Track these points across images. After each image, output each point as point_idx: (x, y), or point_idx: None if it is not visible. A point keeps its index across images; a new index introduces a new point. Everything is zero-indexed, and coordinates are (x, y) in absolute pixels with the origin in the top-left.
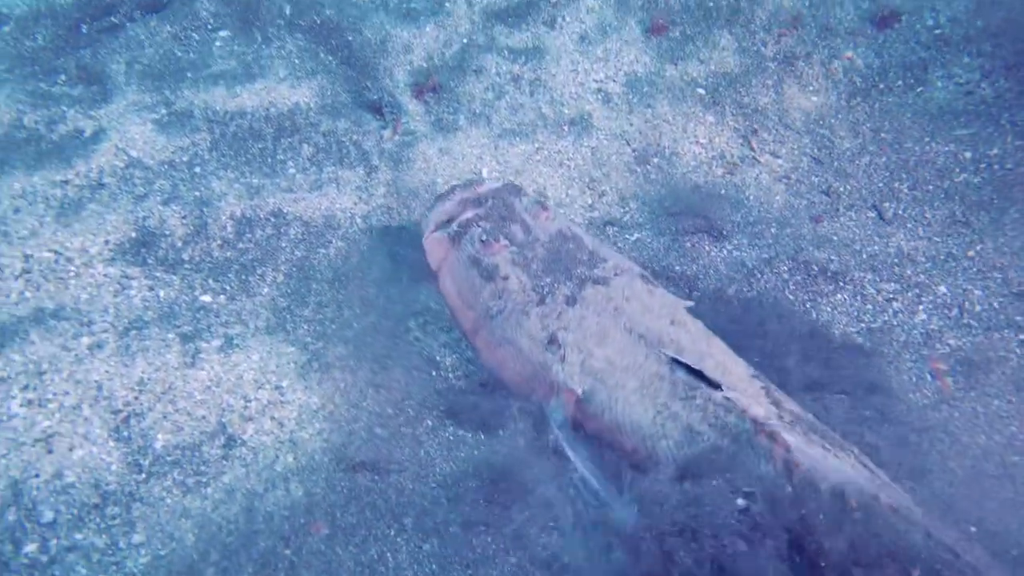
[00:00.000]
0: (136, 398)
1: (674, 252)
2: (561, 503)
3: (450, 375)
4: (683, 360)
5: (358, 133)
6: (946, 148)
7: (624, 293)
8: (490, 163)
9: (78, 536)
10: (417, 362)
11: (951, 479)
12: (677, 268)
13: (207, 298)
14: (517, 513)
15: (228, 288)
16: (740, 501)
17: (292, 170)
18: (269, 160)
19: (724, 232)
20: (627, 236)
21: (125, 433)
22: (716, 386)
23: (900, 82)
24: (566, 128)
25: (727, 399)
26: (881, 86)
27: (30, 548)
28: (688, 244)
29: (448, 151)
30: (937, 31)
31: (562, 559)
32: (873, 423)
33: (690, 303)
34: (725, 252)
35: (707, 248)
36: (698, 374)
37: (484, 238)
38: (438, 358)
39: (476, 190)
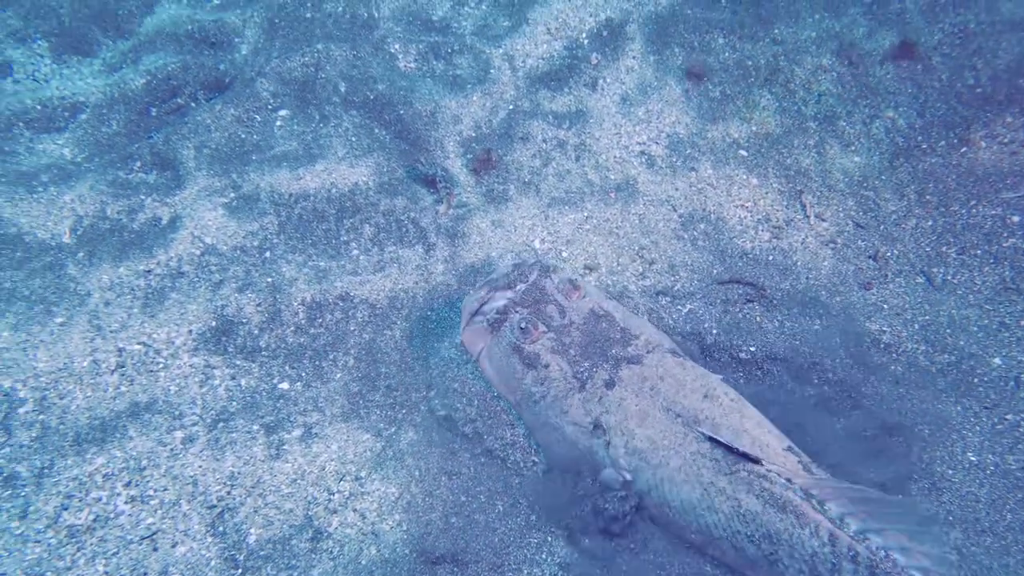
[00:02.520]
0: (229, 492)
1: (726, 324)
2: None
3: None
4: (720, 439)
5: (415, 210)
6: (993, 212)
7: (658, 371)
8: (541, 233)
9: None
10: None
11: None
12: (731, 342)
13: (285, 386)
14: None
15: (304, 375)
16: None
17: (355, 251)
18: (333, 242)
19: (775, 301)
20: (679, 307)
21: (220, 528)
22: (755, 460)
23: (943, 142)
24: (613, 194)
25: (769, 471)
26: (924, 146)
27: None
28: (740, 315)
29: (500, 223)
30: (978, 90)
31: None
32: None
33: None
34: (777, 323)
35: (758, 319)
36: (735, 451)
37: (524, 326)
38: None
39: (507, 279)
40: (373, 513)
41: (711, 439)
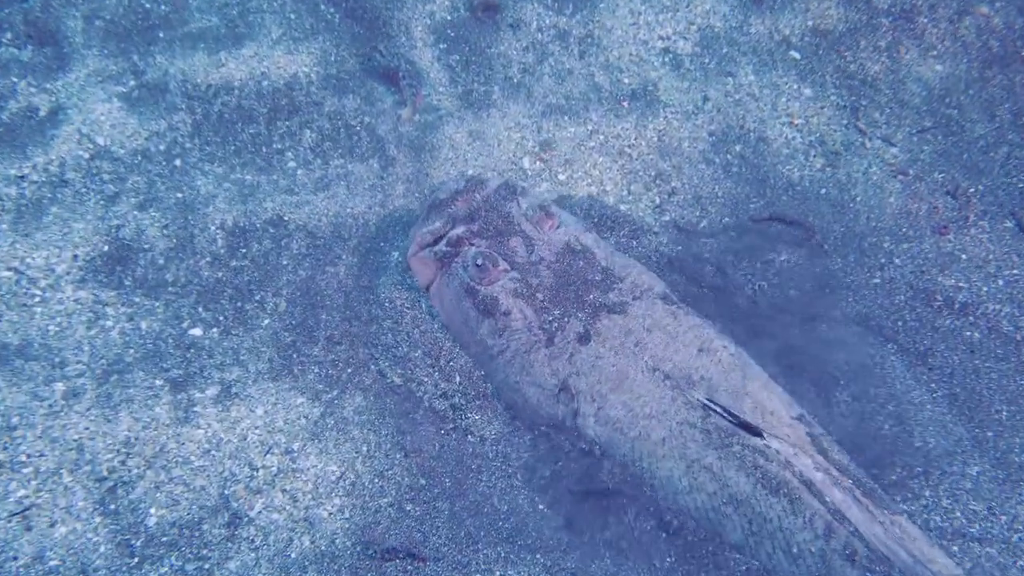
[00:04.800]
0: (123, 463)
1: (763, 268)
2: None
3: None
4: (715, 405)
5: (370, 114)
6: None
7: (645, 322)
8: (533, 150)
9: None
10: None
11: None
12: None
13: (197, 331)
14: None
15: (222, 319)
16: None
17: (292, 163)
18: (264, 150)
19: (825, 246)
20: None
21: (112, 506)
22: (756, 432)
23: None
24: (626, 103)
25: (768, 447)
26: None
27: None
28: (784, 258)
29: (480, 134)
30: None
31: None
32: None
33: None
34: (820, 271)
35: (805, 267)
36: (734, 419)
37: (480, 262)
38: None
39: (468, 196)
40: (307, 495)
41: (705, 405)
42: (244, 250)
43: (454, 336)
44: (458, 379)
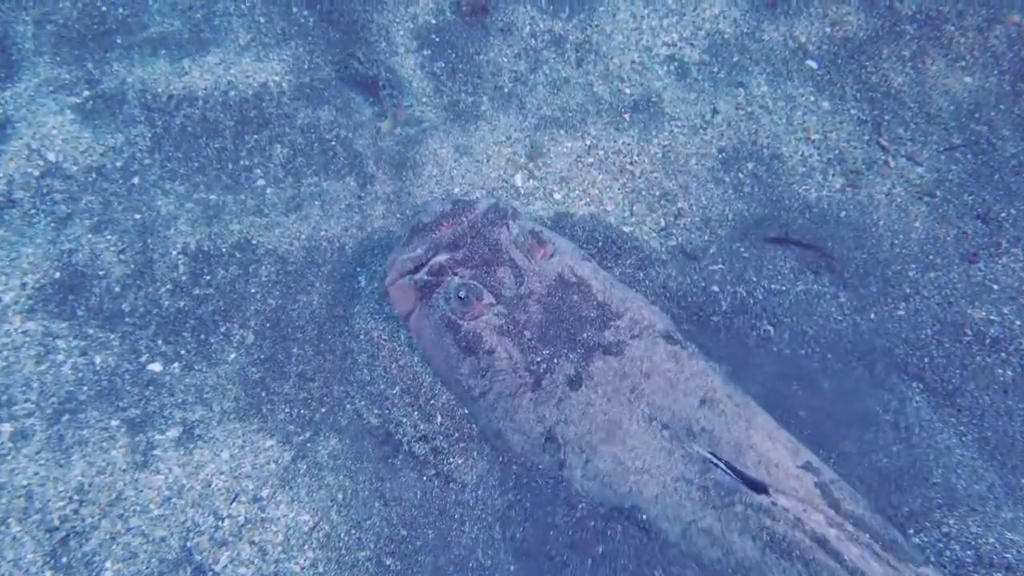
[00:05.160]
0: (76, 511)
1: (774, 302)
2: None
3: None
4: (717, 459)
5: (347, 126)
6: None
7: (643, 365)
8: (526, 167)
9: None
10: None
11: None
12: (779, 321)
13: (157, 367)
14: None
15: (184, 353)
16: None
17: (261, 181)
18: (230, 167)
19: (846, 275)
20: (712, 282)
21: (64, 559)
22: (760, 488)
23: None
24: (627, 115)
25: (774, 504)
26: None
27: None
28: (800, 288)
29: (467, 149)
30: None
31: None
32: None
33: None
34: (844, 302)
35: (825, 301)
36: (736, 474)
37: (463, 295)
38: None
39: (454, 220)
40: (278, 548)
41: (706, 459)
42: (208, 277)
43: (434, 371)
44: (439, 419)
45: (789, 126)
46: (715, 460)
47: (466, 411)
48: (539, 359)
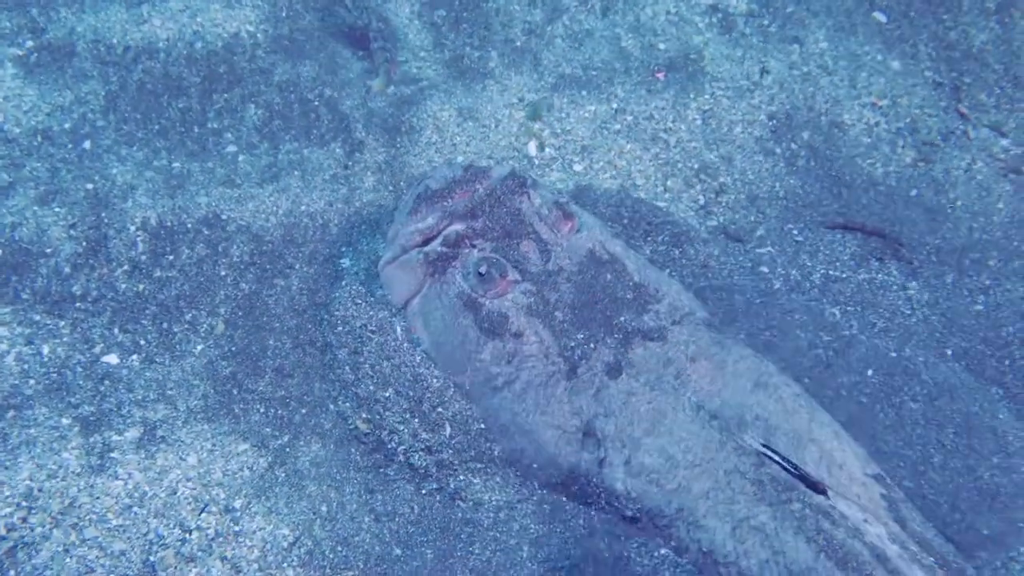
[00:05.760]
0: (24, 520)
1: (834, 293)
2: None
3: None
4: (772, 452)
5: (332, 84)
6: None
7: (688, 350)
8: (540, 134)
9: None
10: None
11: None
12: (831, 317)
13: (113, 359)
14: None
15: (143, 343)
16: None
17: (232, 147)
18: (197, 130)
19: (915, 262)
20: (760, 263)
21: (12, 573)
22: (819, 489)
23: None
24: (661, 75)
25: (833, 507)
26: None
27: None
28: (863, 278)
29: (473, 112)
30: None
31: None
32: None
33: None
34: (914, 294)
35: (890, 288)
36: (794, 470)
37: (485, 269)
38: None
39: (467, 187)
40: (253, 565)
41: (760, 452)
42: (171, 257)
43: (441, 365)
44: (449, 431)
45: (852, 89)
46: (770, 454)
47: (480, 416)
48: (573, 343)
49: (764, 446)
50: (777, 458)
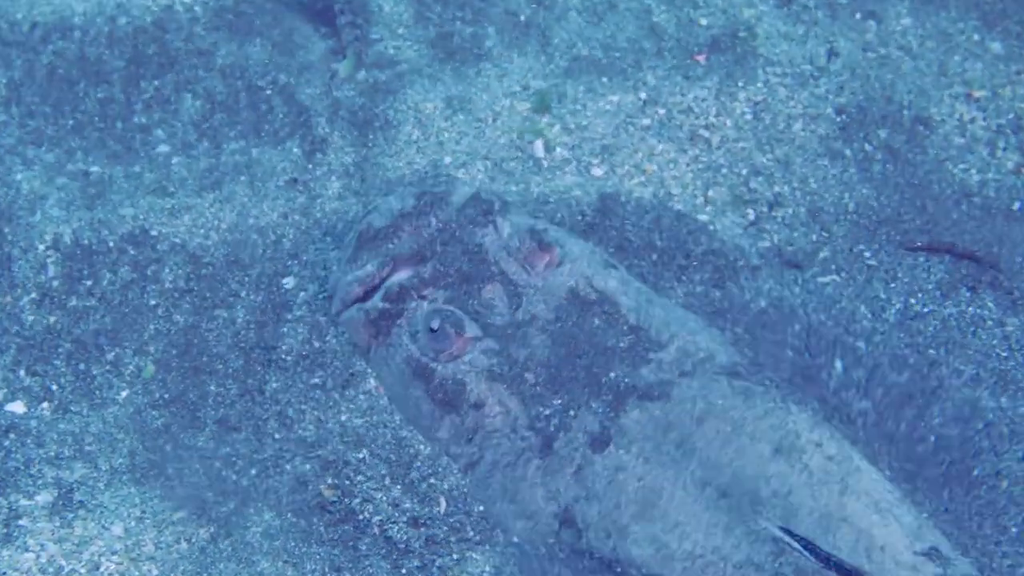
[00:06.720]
0: None
1: (915, 330)
2: None
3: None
4: (793, 539)
5: (288, 69)
6: None
7: (695, 409)
8: (549, 131)
9: None
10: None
11: None
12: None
13: (18, 407)
14: None
15: (55, 388)
16: None
17: (164, 147)
18: (120, 126)
19: (1016, 292)
20: (823, 292)
21: None
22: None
23: None
24: (702, 57)
25: None
26: None
27: None
28: (951, 312)
29: (465, 102)
30: None
31: None
32: None
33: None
34: (1014, 332)
35: (983, 325)
36: (822, 558)
37: (435, 326)
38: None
39: (419, 221)
40: None
41: (778, 539)
42: (89, 282)
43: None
44: (444, 505)
45: (941, 77)
46: (789, 540)
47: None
48: (548, 412)
49: (784, 530)
50: (798, 545)
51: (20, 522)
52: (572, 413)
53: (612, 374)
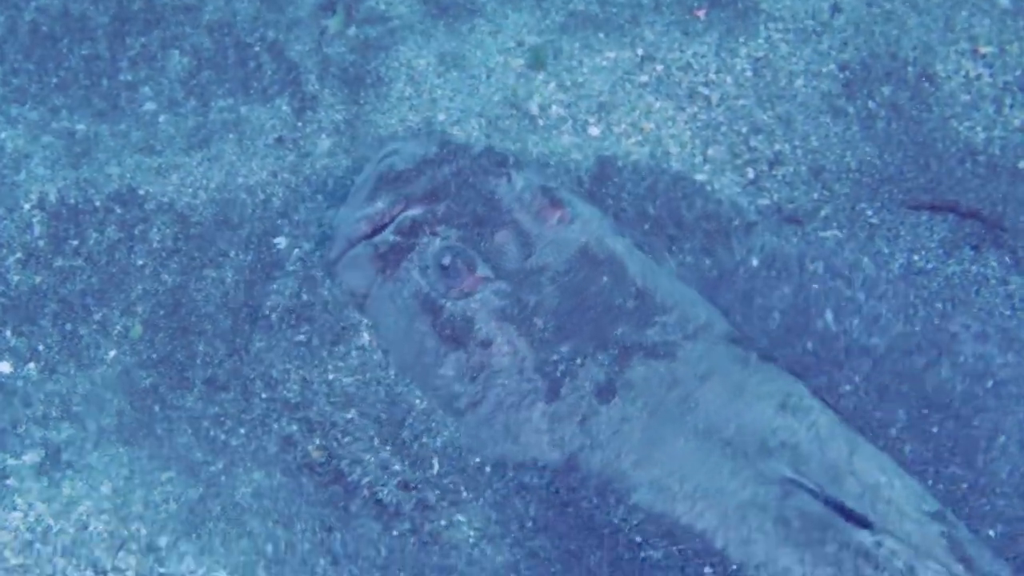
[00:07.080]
0: None
1: (916, 291)
2: None
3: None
4: (802, 480)
5: (276, 24)
6: None
7: (699, 368)
8: (544, 89)
9: None
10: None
11: None
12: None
13: (5, 367)
14: None
15: (42, 348)
16: None
17: (151, 105)
18: (106, 83)
19: (1021, 251)
20: (822, 251)
21: None
22: (863, 523)
23: None
24: (701, 13)
25: (879, 545)
26: None
27: None
28: (954, 270)
29: (458, 59)
30: None
31: None
32: None
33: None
34: (1017, 291)
35: (988, 288)
36: (832, 503)
37: (448, 261)
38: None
39: (437, 169)
40: None
41: (786, 480)
42: (76, 242)
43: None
44: (437, 467)
45: (947, 33)
46: (800, 479)
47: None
48: (556, 358)
49: (793, 474)
50: (810, 485)
51: (8, 481)
52: (579, 362)
53: (619, 331)
